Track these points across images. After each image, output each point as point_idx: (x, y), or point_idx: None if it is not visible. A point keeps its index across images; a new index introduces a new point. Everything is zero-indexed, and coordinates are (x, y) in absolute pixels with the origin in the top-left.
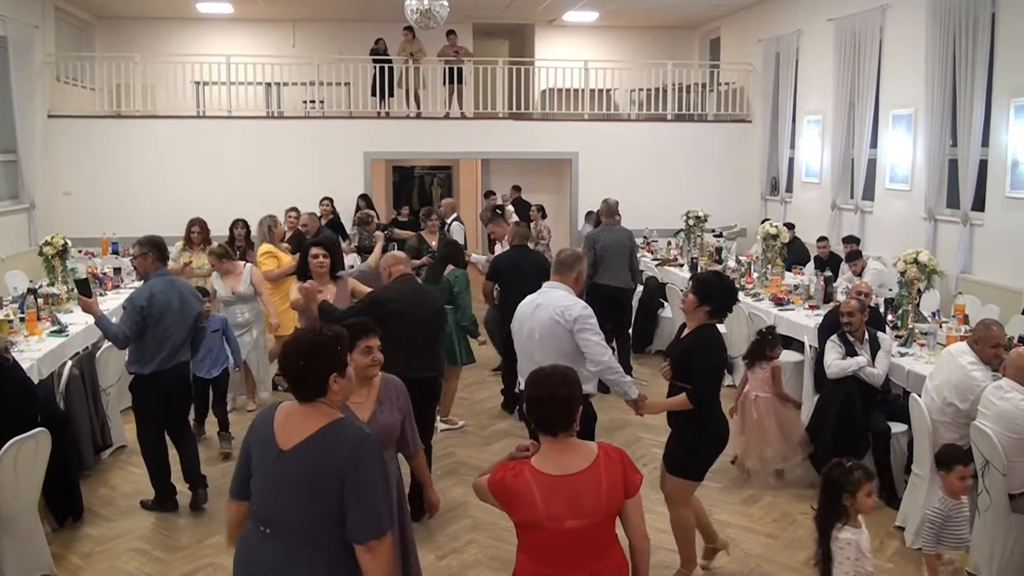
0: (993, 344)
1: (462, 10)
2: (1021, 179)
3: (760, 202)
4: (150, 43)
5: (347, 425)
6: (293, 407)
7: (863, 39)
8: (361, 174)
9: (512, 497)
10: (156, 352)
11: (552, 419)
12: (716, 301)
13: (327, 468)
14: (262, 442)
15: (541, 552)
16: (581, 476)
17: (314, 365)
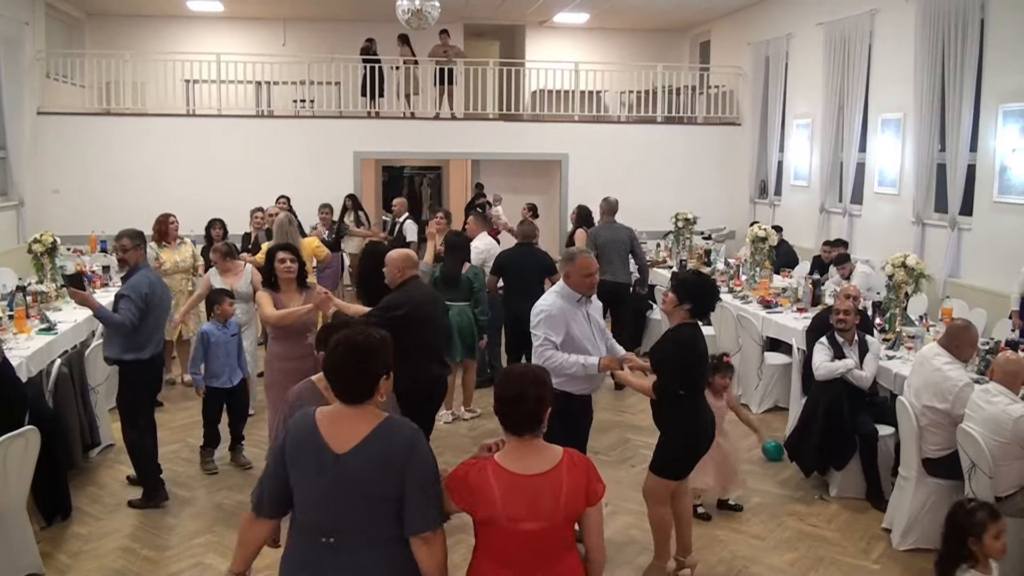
0: (972, 344)
1: (453, 10)
2: (1009, 184)
3: (749, 205)
4: (140, 40)
5: (399, 421)
6: (336, 411)
7: (852, 43)
8: (351, 174)
9: (473, 493)
10: (152, 337)
11: (520, 419)
12: (696, 300)
13: (388, 466)
14: (310, 451)
15: (496, 552)
16: (542, 478)
17: (370, 366)
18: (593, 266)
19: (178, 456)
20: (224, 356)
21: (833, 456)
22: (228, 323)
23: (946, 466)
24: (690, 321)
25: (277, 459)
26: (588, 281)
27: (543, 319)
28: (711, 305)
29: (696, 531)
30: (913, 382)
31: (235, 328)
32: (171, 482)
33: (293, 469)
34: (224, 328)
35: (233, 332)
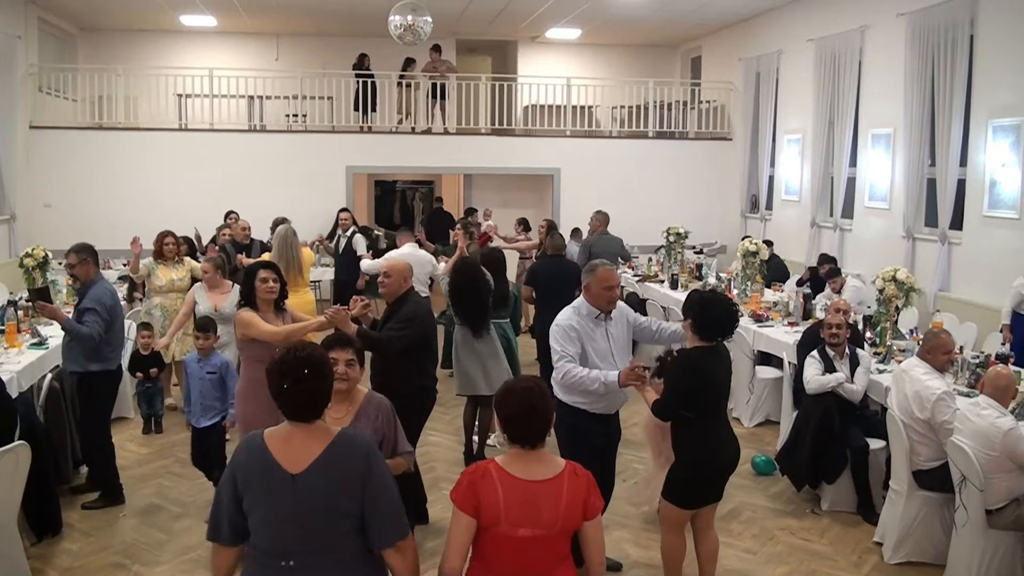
0: (945, 351)
1: (446, 26)
2: (999, 199)
3: (740, 219)
4: (133, 55)
5: (352, 436)
6: (286, 430)
7: (843, 59)
8: (343, 188)
9: (479, 498)
10: (117, 347)
11: (534, 433)
12: (696, 319)
13: (346, 482)
14: (262, 474)
15: (493, 557)
16: (544, 485)
17: (322, 383)
18: (614, 279)
19: (168, 471)
20: (196, 392)
21: (824, 470)
22: (209, 358)
23: (937, 479)
24: (703, 344)
25: (229, 485)
26: (608, 295)
27: (558, 334)
28: (714, 324)
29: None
30: (895, 396)
31: (216, 365)
32: (162, 497)
33: (246, 494)
34: (202, 363)
35: (211, 370)
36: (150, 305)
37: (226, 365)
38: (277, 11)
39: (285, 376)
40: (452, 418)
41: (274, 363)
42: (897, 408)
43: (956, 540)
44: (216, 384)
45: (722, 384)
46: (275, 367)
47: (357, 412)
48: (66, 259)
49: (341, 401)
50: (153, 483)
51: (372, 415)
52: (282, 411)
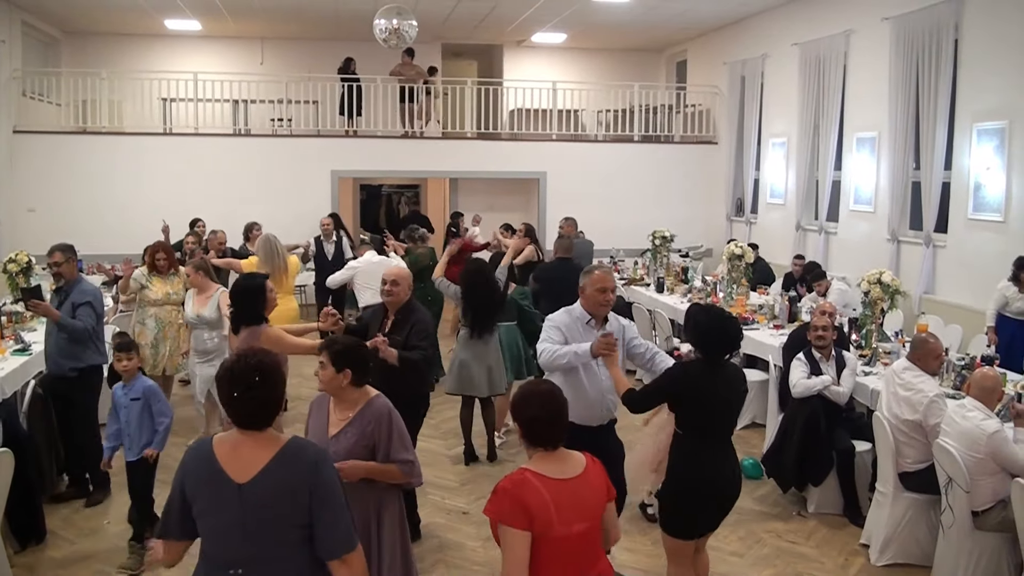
0: (936, 357)
1: (431, 30)
2: (983, 202)
3: (726, 223)
4: (117, 59)
5: (302, 444)
6: (235, 438)
7: (828, 63)
8: (328, 192)
9: (530, 511)
10: (102, 343)
11: (558, 434)
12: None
13: (293, 492)
14: (209, 482)
15: (553, 562)
16: (580, 480)
17: (273, 391)
18: (609, 282)
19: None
20: (123, 423)
21: (810, 472)
22: (133, 384)
23: (923, 480)
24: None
25: (179, 492)
26: (601, 297)
27: (545, 327)
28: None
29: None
30: (885, 397)
31: (138, 393)
32: None
33: (195, 502)
34: (126, 389)
35: (135, 397)
36: (143, 315)
37: (151, 389)
38: (262, 15)
39: (236, 383)
40: (438, 422)
41: (224, 370)
42: (886, 410)
43: (942, 542)
44: (141, 412)
45: (722, 404)
46: (225, 374)
47: (353, 418)
48: (50, 258)
49: (343, 402)
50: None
51: (365, 421)
52: (232, 419)
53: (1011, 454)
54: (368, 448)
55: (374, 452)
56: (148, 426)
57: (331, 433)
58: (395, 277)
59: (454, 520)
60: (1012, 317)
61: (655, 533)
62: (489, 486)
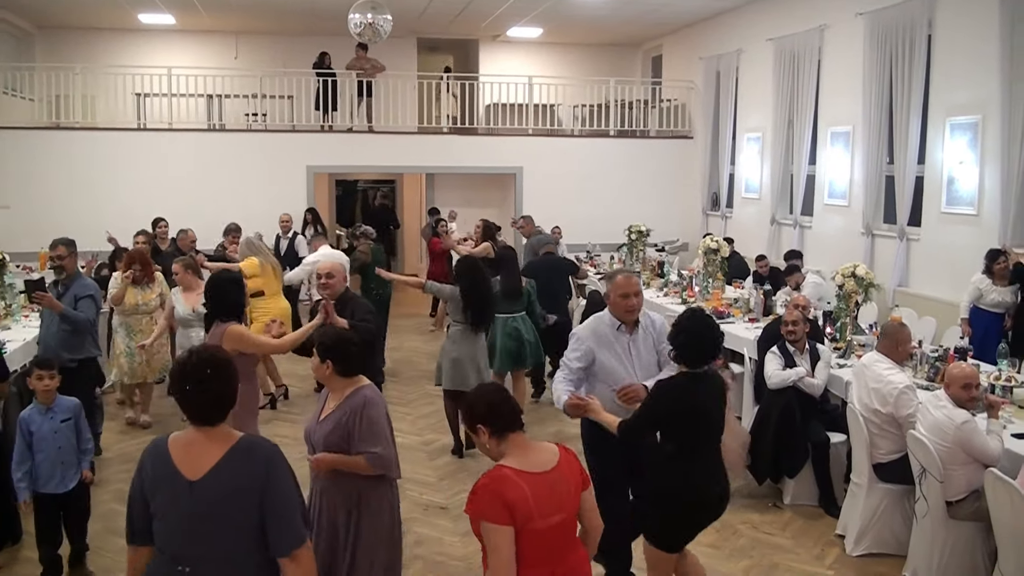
0: (904, 343)
1: (406, 24)
2: (956, 195)
3: (701, 217)
4: (91, 54)
5: (254, 441)
6: (189, 435)
7: (802, 58)
8: (304, 188)
9: (512, 507)
10: (97, 336)
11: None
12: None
13: (244, 489)
14: (165, 479)
15: (530, 554)
16: (556, 471)
17: (220, 385)
18: (631, 286)
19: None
20: (53, 451)
21: (786, 464)
22: (54, 405)
23: (897, 471)
24: (687, 370)
25: (137, 489)
26: (624, 303)
27: (570, 338)
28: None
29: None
30: (855, 390)
31: (67, 412)
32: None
33: (152, 498)
34: (49, 412)
35: (64, 418)
36: (116, 323)
37: (79, 407)
38: (236, 9)
39: (188, 378)
40: (415, 418)
41: (176, 364)
42: (857, 402)
43: (917, 531)
44: (72, 434)
45: (710, 415)
46: (177, 368)
47: (336, 407)
48: (53, 251)
49: (334, 391)
50: (112, 489)
51: (342, 411)
52: (185, 414)
53: (980, 445)
54: (344, 438)
55: (349, 440)
56: (80, 448)
57: (317, 420)
58: (329, 270)
59: (432, 515)
60: (986, 309)
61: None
62: (467, 481)
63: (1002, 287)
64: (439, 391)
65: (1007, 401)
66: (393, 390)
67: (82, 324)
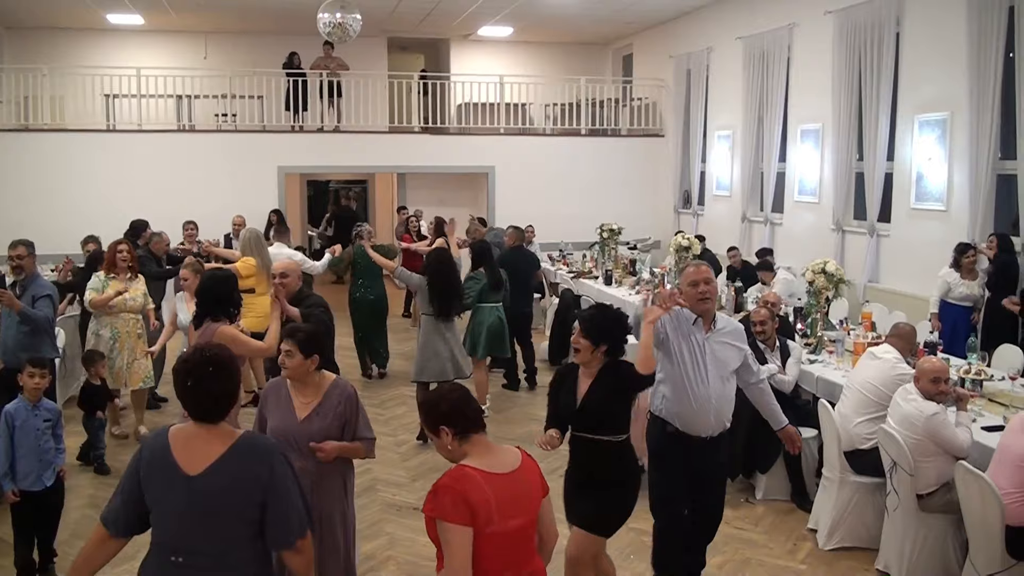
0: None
1: (376, 24)
2: (925, 191)
3: (673, 215)
4: (59, 54)
5: (255, 439)
6: (189, 430)
7: (772, 56)
8: (275, 188)
9: (474, 508)
10: (55, 337)
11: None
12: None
13: (246, 485)
14: (163, 471)
15: (489, 558)
16: (518, 473)
17: (222, 383)
18: (701, 274)
19: (101, 482)
20: (34, 449)
21: (758, 459)
22: (39, 404)
23: (870, 462)
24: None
25: (132, 478)
26: (694, 293)
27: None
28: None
29: (625, 538)
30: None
31: (52, 411)
32: (93, 507)
33: (147, 490)
34: (35, 409)
35: (47, 418)
36: (97, 326)
37: (59, 412)
38: (205, 9)
39: (190, 375)
40: (387, 418)
41: (180, 362)
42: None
43: (888, 524)
44: (52, 435)
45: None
46: (181, 366)
47: (321, 400)
48: (13, 251)
49: (306, 387)
50: (84, 495)
51: (335, 401)
52: (187, 411)
53: (949, 437)
54: (340, 427)
55: (344, 429)
56: (56, 448)
57: (300, 417)
58: (283, 269)
59: (405, 516)
60: (954, 303)
61: None
62: None
63: (970, 280)
64: (412, 390)
65: (976, 394)
66: (365, 390)
67: (41, 323)
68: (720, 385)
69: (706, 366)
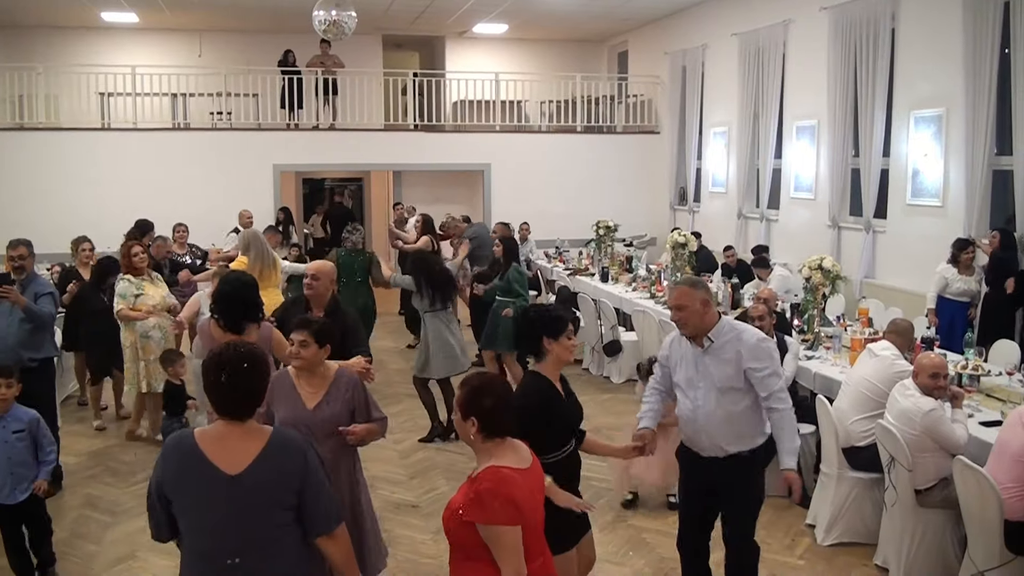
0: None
1: (371, 21)
2: (921, 187)
3: (669, 212)
4: (53, 52)
5: (288, 435)
6: (218, 430)
7: (767, 53)
8: (271, 186)
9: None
10: (54, 336)
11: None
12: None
13: (286, 480)
14: (196, 475)
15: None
16: (533, 468)
17: (261, 381)
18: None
19: (97, 480)
20: (3, 461)
21: None
22: (11, 414)
23: (868, 458)
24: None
25: (157, 489)
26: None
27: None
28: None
29: (623, 534)
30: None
31: (24, 421)
32: (91, 507)
33: (178, 497)
34: (3, 421)
35: (17, 429)
36: (145, 327)
37: (36, 420)
38: (199, 7)
39: (223, 370)
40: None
41: (213, 357)
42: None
43: (886, 520)
44: (29, 446)
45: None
46: (213, 361)
47: (329, 388)
48: (14, 250)
49: (312, 377)
50: (82, 493)
51: (342, 389)
52: (215, 407)
53: (946, 432)
54: (350, 413)
55: (354, 415)
56: (34, 462)
57: (311, 406)
58: (315, 271)
59: (403, 514)
60: (951, 299)
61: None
62: (437, 479)
63: (967, 276)
64: (409, 389)
65: (972, 390)
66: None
67: (47, 320)
68: (712, 405)
69: (697, 386)
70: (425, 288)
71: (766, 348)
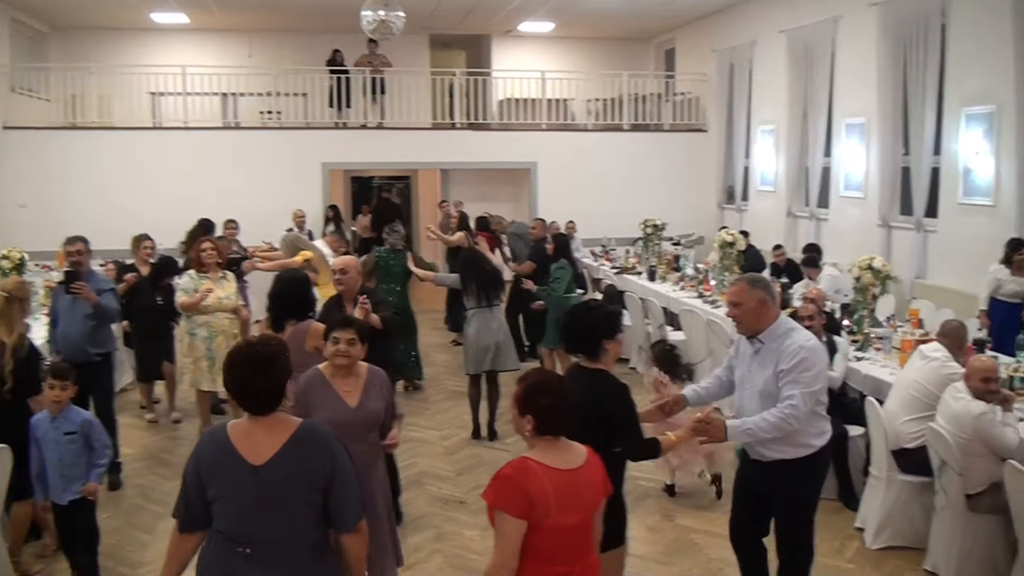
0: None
1: (418, 21)
2: (973, 186)
3: (717, 210)
4: (106, 53)
5: (315, 427)
6: (248, 423)
7: (815, 50)
8: (320, 184)
9: (532, 501)
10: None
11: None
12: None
13: (310, 473)
14: (225, 466)
15: (546, 551)
16: (581, 471)
17: (273, 375)
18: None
19: (150, 471)
20: (54, 462)
21: None
22: (64, 415)
23: (917, 461)
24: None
25: (193, 476)
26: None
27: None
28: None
29: (671, 535)
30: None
31: (77, 424)
32: (144, 498)
33: (210, 485)
34: (55, 422)
35: (69, 430)
36: (192, 325)
37: (88, 423)
38: (249, 7)
39: (245, 366)
40: (433, 412)
41: (234, 354)
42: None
43: (936, 524)
44: (80, 448)
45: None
46: (235, 358)
47: (365, 384)
48: (72, 248)
49: (348, 375)
50: (135, 484)
51: (378, 386)
52: (239, 402)
53: (997, 436)
54: (385, 408)
55: (387, 411)
56: (86, 464)
57: (353, 404)
58: (342, 266)
59: (451, 509)
60: (1004, 300)
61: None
62: (485, 476)
63: (1020, 277)
64: (456, 385)
65: None
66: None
67: (114, 314)
68: (753, 408)
69: (744, 387)
70: (472, 286)
71: (801, 355)
